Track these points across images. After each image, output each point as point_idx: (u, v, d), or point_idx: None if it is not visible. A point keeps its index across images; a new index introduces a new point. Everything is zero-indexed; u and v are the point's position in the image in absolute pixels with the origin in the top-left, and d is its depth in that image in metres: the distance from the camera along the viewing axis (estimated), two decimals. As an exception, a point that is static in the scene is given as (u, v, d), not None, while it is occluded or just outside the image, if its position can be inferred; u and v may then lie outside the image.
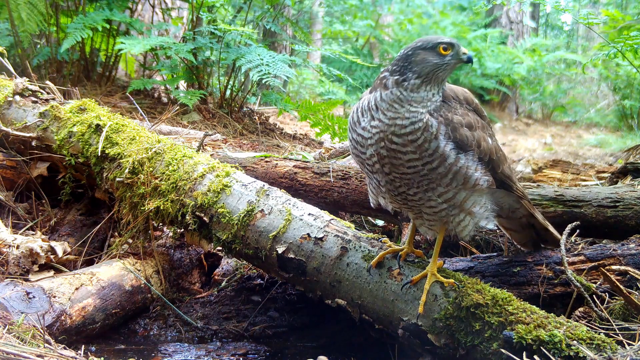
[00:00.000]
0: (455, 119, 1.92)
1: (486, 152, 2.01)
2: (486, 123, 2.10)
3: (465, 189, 1.98)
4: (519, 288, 2.50)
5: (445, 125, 1.89)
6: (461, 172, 1.93)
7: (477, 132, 1.98)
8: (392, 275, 2.18)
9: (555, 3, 4.26)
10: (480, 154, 1.98)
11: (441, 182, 1.94)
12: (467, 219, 2.06)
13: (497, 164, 2.07)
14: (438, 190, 1.96)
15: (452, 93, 2.00)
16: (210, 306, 2.77)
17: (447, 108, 1.93)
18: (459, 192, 1.98)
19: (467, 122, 1.95)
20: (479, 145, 1.98)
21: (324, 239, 2.31)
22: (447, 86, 2.01)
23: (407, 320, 2.09)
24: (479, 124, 2.02)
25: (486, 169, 2.02)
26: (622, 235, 2.79)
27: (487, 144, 2.02)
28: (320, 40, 13.70)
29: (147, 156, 2.72)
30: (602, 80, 12.23)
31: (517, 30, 14.00)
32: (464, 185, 1.97)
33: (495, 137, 2.15)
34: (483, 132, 2.02)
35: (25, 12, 5.37)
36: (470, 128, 1.95)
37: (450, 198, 1.99)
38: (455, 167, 1.92)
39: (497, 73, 12.41)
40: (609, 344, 1.82)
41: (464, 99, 2.03)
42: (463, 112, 1.97)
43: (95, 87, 6.31)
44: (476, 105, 2.07)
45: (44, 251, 2.63)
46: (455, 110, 1.94)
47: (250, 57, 5.29)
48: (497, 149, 2.10)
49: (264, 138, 5.97)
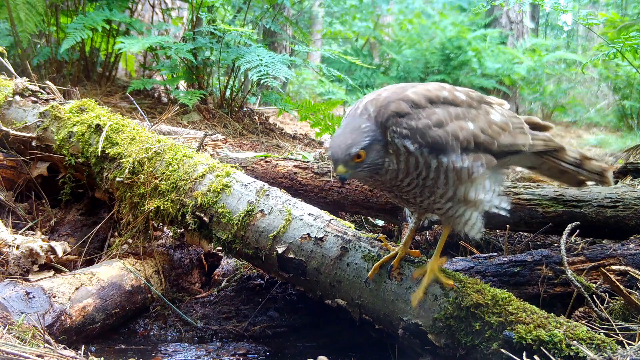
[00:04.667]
0: (420, 124, 1.90)
1: (469, 140, 1.97)
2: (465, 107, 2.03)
3: (462, 182, 1.97)
4: (519, 288, 2.51)
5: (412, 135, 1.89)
6: (449, 170, 1.93)
7: (451, 125, 1.95)
8: (392, 275, 2.18)
9: (554, 4, 4.26)
10: (462, 144, 1.95)
11: (437, 184, 1.95)
12: (473, 216, 2.05)
13: (488, 143, 2.02)
14: (438, 192, 1.97)
15: (409, 102, 1.94)
16: (210, 306, 2.77)
17: (408, 117, 1.91)
18: (457, 187, 1.98)
19: (436, 121, 1.93)
20: (457, 137, 1.95)
21: (324, 239, 2.31)
22: (404, 96, 1.95)
23: (407, 320, 2.09)
24: (452, 114, 1.99)
25: (477, 154, 1.99)
26: (622, 235, 2.80)
27: (467, 131, 1.98)
28: (320, 41, 13.71)
29: (147, 156, 2.72)
30: (602, 80, 12.24)
31: (517, 30, 14.00)
32: (459, 181, 1.96)
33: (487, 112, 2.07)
34: (459, 120, 1.98)
35: (24, 12, 5.37)
36: (440, 125, 1.93)
37: (452, 196, 1.99)
38: (442, 168, 1.92)
39: (497, 73, 12.40)
40: (609, 344, 1.82)
41: (426, 99, 1.97)
42: (428, 114, 1.94)
43: (95, 87, 6.31)
44: (445, 97, 2.00)
45: (44, 251, 2.63)
46: (418, 116, 1.92)
47: (249, 58, 5.29)
48: (484, 127, 2.03)
49: (264, 138, 5.97)
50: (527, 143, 2.14)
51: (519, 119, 2.19)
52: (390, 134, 1.90)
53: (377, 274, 2.20)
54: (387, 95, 1.97)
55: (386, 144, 1.92)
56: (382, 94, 1.99)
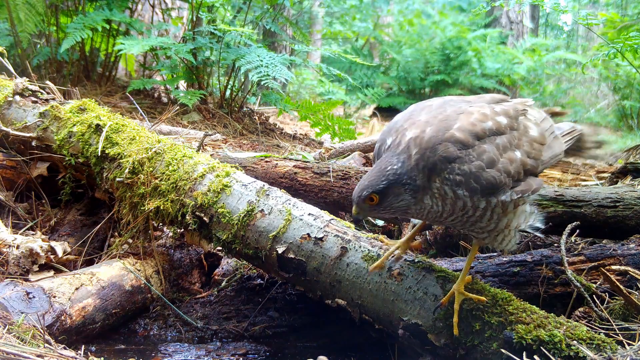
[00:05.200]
0: (473, 167, 1.79)
1: (519, 171, 1.87)
2: (508, 133, 1.91)
3: (507, 214, 1.91)
4: (519, 288, 2.50)
5: (465, 181, 1.78)
6: (497, 208, 1.86)
7: (502, 160, 1.84)
8: (392, 275, 2.18)
9: (554, 4, 4.26)
10: (513, 178, 1.85)
11: (482, 220, 1.89)
12: (511, 234, 1.99)
13: (534, 167, 1.93)
14: (481, 225, 1.92)
15: (457, 144, 1.81)
16: (210, 306, 2.77)
17: (459, 162, 1.79)
18: (500, 219, 1.91)
19: (488, 160, 1.81)
20: (509, 173, 1.84)
21: (324, 239, 2.31)
22: (450, 136, 1.82)
23: (407, 320, 2.09)
24: (500, 147, 1.86)
25: (527, 182, 1.91)
26: (622, 235, 2.80)
27: (517, 162, 1.87)
28: (320, 41, 13.71)
29: (147, 156, 2.72)
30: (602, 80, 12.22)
31: (517, 30, 14.00)
32: (504, 213, 1.90)
33: (526, 129, 1.97)
34: (507, 152, 1.86)
35: (24, 12, 5.38)
36: (493, 164, 1.81)
37: (493, 229, 1.93)
38: (490, 207, 1.85)
39: (497, 73, 12.40)
40: (609, 344, 1.82)
41: (473, 136, 1.83)
42: (479, 153, 1.81)
43: (95, 87, 6.31)
44: (489, 128, 1.87)
45: (44, 251, 2.63)
46: (469, 158, 1.80)
47: (249, 58, 5.29)
48: (529, 150, 1.93)
49: (264, 138, 5.97)
50: (562, 148, 2.06)
51: (549, 121, 2.10)
52: (440, 181, 1.80)
53: (377, 274, 2.20)
54: (432, 135, 1.82)
55: (423, 187, 1.81)
56: (426, 131, 1.83)
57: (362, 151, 4.58)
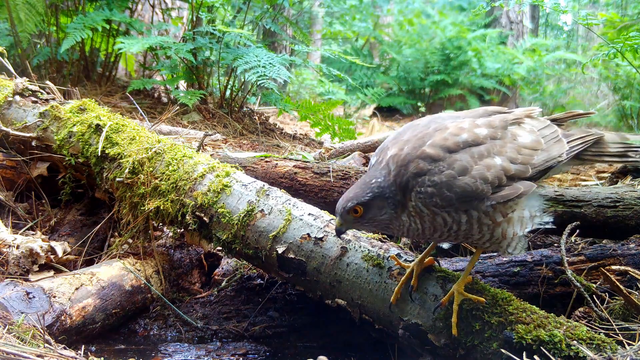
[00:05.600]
0: (444, 176, 1.80)
1: (499, 177, 1.84)
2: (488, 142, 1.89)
3: (499, 225, 1.89)
4: (519, 288, 2.50)
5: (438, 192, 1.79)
6: (482, 218, 1.85)
7: (477, 167, 1.82)
8: (392, 275, 2.18)
9: (554, 4, 4.25)
10: (492, 184, 1.82)
11: (472, 232, 1.89)
12: (515, 240, 1.97)
13: (522, 171, 1.89)
14: (474, 237, 1.92)
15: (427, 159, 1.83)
16: (210, 306, 2.77)
17: (429, 174, 1.81)
18: (494, 230, 1.90)
19: (460, 168, 1.81)
20: (485, 179, 1.81)
21: (324, 239, 2.31)
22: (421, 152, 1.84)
23: (407, 320, 2.09)
24: (475, 155, 1.84)
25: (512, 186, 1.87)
26: (622, 235, 2.80)
27: (495, 168, 1.84)
28: (320, 41, 13.71)
29: (147, 156, 2.72)
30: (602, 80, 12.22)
31: (517, 30, 14.01)
32: (495, 224, 1.88)
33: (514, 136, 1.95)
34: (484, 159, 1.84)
35: (24, 12, 5.38)
36: (465, 172, 1.81)
37: (488, 239, 1.93)
38: (473, 220, 1.84)
39: (497, 73, 12.40)
40: (609, 344, 1.82)
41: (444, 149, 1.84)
42: (449, 163, 1.82)
43: (95, 87, 6.31)
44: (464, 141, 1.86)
45: (44, 251, 2.63)
46: (439, 169, 1.81)
47: (247, 59, 5.29)
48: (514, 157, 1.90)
49: (264, 138, 5.97)
50: (563, 151, 2.01)
51: (552, 127, 2.07)
52: (414, 197, 1.82)
53: (377, 274, 2.20)
54: (407, 153, 1.85)
55: (402, 204, 1.84)
56: (404, 149, 1.87)
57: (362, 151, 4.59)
